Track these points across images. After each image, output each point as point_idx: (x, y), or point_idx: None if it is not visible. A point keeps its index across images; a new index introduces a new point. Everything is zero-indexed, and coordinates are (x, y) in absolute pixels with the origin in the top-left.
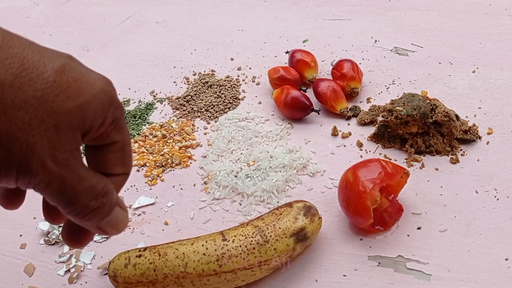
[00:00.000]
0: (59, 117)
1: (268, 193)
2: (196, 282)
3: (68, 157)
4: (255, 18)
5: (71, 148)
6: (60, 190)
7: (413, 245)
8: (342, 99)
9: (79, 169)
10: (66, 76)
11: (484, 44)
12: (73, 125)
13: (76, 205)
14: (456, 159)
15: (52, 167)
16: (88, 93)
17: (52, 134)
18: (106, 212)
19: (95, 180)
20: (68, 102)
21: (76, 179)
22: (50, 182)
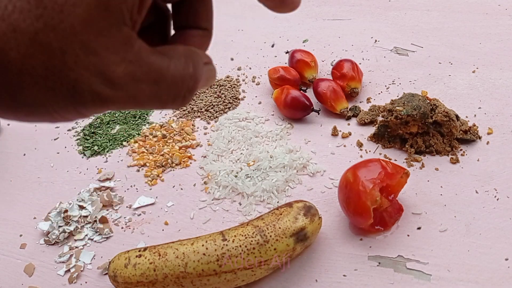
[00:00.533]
0: (81, 35)
1: (268, 193)
2: (196, 282)
3: (125, 68)
4: (255, 18)
5: (121, 55)
6: (138, 105)
7: (413, 245)
8: (342, 99)
9: (148, 71)
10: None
11: (484, 44)
12: (105, 28)
13: (167, 107)
14: (456, 159)
15: (111, 93)
16: None
17: (87, 59)
18: (198, 87)
19: (173, 67)
20: (77, 10)
21: (149, 87)
22: (122, 106)
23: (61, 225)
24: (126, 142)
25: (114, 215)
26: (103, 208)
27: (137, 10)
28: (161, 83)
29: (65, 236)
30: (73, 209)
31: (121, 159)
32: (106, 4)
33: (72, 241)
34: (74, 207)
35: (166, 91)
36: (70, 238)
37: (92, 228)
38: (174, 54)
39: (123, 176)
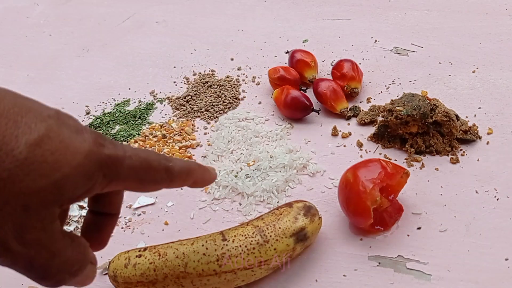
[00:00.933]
0: (29, 197)
1: (268, 193)
2: (196, 282)
3: (39, 236)
4: (255, 18)
5: (43, 225)
6: (27, 268)
7: (413, 245)
8: (342, 99)
9: (53, 244)
10: (42, 150)
11: (484, 44)
12: (47, 202)
13: (46, 281)
14: (456, 159)
15: (17, 249)
16: (68, 165)
17: (20, 215)
18: (78, 275)
19: (70, 252)
20: (40, 180)
21: (46, 257)
22: (15, 262)
23: None
24: (126, 142)
25: None
26: None
27: (70, 201)
28: (56, 258)
29: None
30: (73, 209)
31: None
32: (62, 187)
33: None
34: (74, 207)
35: (56, 266)
36: None
37: None
38: (74, 241)
39: None
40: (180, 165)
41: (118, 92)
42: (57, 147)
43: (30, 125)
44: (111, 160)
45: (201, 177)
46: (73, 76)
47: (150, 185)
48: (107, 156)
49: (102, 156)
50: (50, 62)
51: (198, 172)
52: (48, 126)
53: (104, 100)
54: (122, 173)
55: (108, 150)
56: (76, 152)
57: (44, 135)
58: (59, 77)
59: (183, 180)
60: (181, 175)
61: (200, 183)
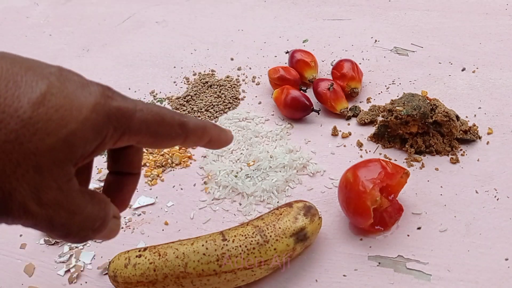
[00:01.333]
0: (39, 157)
1: (268, 193)
2: (196, 282)
3: (56, 195)
4: (255, 18)
5: (59, 184)
6: (49, 228)
7: (413, 245)
8: (342, 99)
9: (71, 203)
10: (46, 107)
11: (484, 44)
12: (59, 160)
13: (70, 238)
14: (456, 159)
15: (36, 210)
16: (74, 121)
17: (33, 177)
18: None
19: (90, 208)
20: (48, 138)
21: (66, 216)
22: (36, 223)
23: None
24: None
25: None
26: None
27: (84, 158)
28: (76, 216)
29: None
30: None
31: None
32: (71, 143)
33: None
34: None
35: (77, 224)
36: None
37: None
38: (94, 198)
39: None
40: (195, 121)
41: None
42: (61, 103)
43: (31, 84)
44: (121, 112)
45: (217, 136)
46: None
47: (164, 140)
48: (115, 108)
49: (111, 108)
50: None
51: (214, 130)
52: (50, 83)
53: None
54: (134, 126)
55: (116, 102)
56: (82, 106)
57: (46, 92)
58: None
59: (199, 137)
60: (196, 131)
61: (216, 142)
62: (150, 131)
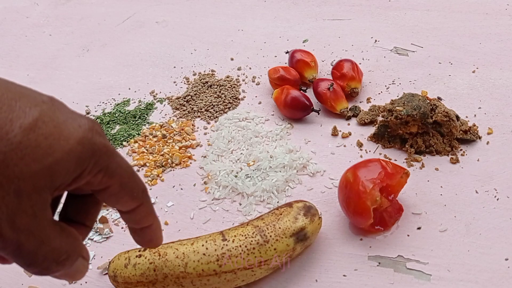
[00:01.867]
0: (22, 182)
1: (268, 193)
2: (196, 282)
3: (29, 221)
4: (255, 18)
5: (34, 210)
6: (16, 254)
7: (413, 245)
8: (342, 99)
9: (42, 232)
10: (36, 134)
11: (484, 44)
12: (39, 187)
13: (32, 267)
14: (456, 159)
15: (7, 233)
16: (60, 150)
17: (12, 200)
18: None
19: (59, 241)
20: (34, 165)
21: (34, 244)
22: (5, 247)
23: None
24: (126, 142)
25: (114, 215)
26: (103, 208)
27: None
28: (44, 247)
29: None
30: None
31: None
32: (54, 172)
33: None
34: None
35: (44, 254)
36: None
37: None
38: (64, 232)
39: None
40: (150, 198)
41: (118, 92)
42: (51, 131)
43: (24, 110)
44: (105, 149)
45: (156, 227)
46: (73, 76)
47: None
48: (102, 144)
49: (97, 143)
50: (50, 62)
51: (156, 221)
52: (42, 110)
53: (104, 100)
54: (111, 166)
55: (103, 140)
56: (70, 137)
57: (38, 119)
58: (59, 77)
59: (147, 213)
60: (149, 206)
61: (152, 234)
62: (121, 179)
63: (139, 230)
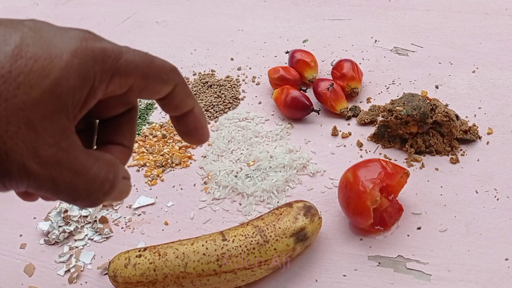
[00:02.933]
0: (28, 112)
1: (268, 193)
2: (196, 282)
3: (56, 152)
4: (255, 18)
5: (56, 139)
6: (54, 190)
7: (413, 245)
8: (342, 99)
9: (73, 162)
10: (24, 59)
11: (484, 44)
12: (50, 113)
13: (79, 201)
14: (456, 159)
15: (37, 169)
16: (55, 69)
17: (26, 134)
18: (113, 194)
19: (97, 169)
20: (33, 91)
21: (70, 176)
22: (40, 185)
23: (61, 225)
24: None
25: (114, 215)
26: (103, 208)
27: (79, 108)
28: (81, 177)
29: (65, 236)
30: (73, 209)
31: None
32: (58, 94)
33: (72, 241)
34: (74, 207)
35: (83, 186)
36: (70, 238)
37: (92, 228)
38: (100, 158)
39: None
40: (183, 78)
41: None
42: (39, 53)
43: (3, 38)
44: (106, 53)
45: (199, 113)
46: None
47: (156, 84)
48: (100, 49)
49: (94, 49)
50: None
51: (198, 106)
52: (23, 34)
53: None
54: (122, 66)
55: (100, 44)
56: (62, 52)
57: (22, 43)
58: None
59: (186, 95)
60: (185, 86)
61: (196, 120)
62: (140, 72)
63: (181, 118)
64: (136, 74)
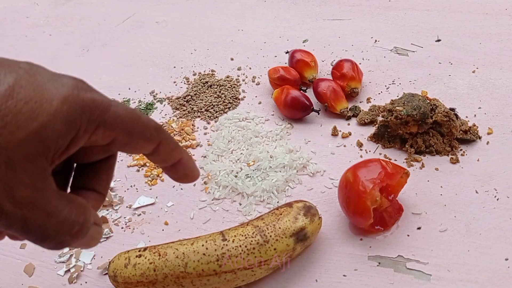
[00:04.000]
0: (10, 152)
1: (268, 193)
2: (196, 282)
3: (30, 193)
4: (255, 18)
5: (33, 181)
6: (24, 230)
7: (413, 245)
8: (342, 99)
9: (47, 203)
10: (15, 100)
11: (484, 44)
12: (31, 155)
13: (47, 243)
14: (456, 159)
15: (9, 209)
16: (44, 113)
17: (5, 173)
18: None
19: (68, 211)
20: (18, 132)
21: (41, 217)
22: (11, 224)
23: None
24: None
25: (114, 215)
26: (103, 208)
27: (59, 154)
28: (53, 218)
29: None
30: None
31: (121, 159)
32: (43, 137)
33: None
34: None
35: (53, 227)
36: None
37: None
38: (73, 201)
39: (123, 176)
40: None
41: (118, 92)
42: (30, 95)
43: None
44: (95, 104)
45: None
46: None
47: (139, 141)
48: (90, 99)
49: (84, 99)
50: (50, 62)
51: (186, 153)
52: (18, 75)
53: None
54: (109, 119)
55: (91, 94)
56: (53, 98)
57: (15, 84)
58: None
59: (171, 150)
60: (170, 141)
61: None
62: (125, 128)
63: (171, 168)
64: (121, 129)
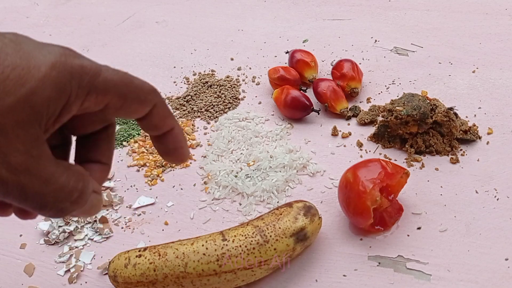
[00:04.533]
0: (1, 118)
1: (268, 193)
2: (196, 282)
3: (26, 159)
4: (255, 18)
5: (27, 147)
6: (22, 197)
7: (413, 245)
8: (342, 99)
9: (43, 170)
10: (1, 67)
11: (484, 44)
12: (22, 121)
13: (46, 210)
14: (456, 159)
15: (5, 175)
16: (32, 79)
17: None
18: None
19: (66, 178)
20: (7, 98)
21: (38, 184)
22: (8, 191)
23: (61, 225)
24: (126, 142)
25: (114, 215)
26: (103, 208)
27: (53, 121)
28: (50, 185)
29: (65, 236)
30: None
31: (121, 159)
32: (32, 103)
33: (72, 241)
34: None
35: (52, 194)
36: (70, 238)
37: (92, 228)
38: (70, 168)
39: (123, 176)
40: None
41: None
42: (17, 63)
43: None
44: (84, 70)
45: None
46: None
47: (133, 104)
48: (78, 65)
49: (73, 65)
50: None
51: (178, 125)
52: (4, 44)
53: None
54: (100, 84)
55: (79, 61)
56: (41, 64)
57: (0, 52)
58: None
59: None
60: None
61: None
62: (118, 91)
63: (161, 138)
64: (113, 93)
